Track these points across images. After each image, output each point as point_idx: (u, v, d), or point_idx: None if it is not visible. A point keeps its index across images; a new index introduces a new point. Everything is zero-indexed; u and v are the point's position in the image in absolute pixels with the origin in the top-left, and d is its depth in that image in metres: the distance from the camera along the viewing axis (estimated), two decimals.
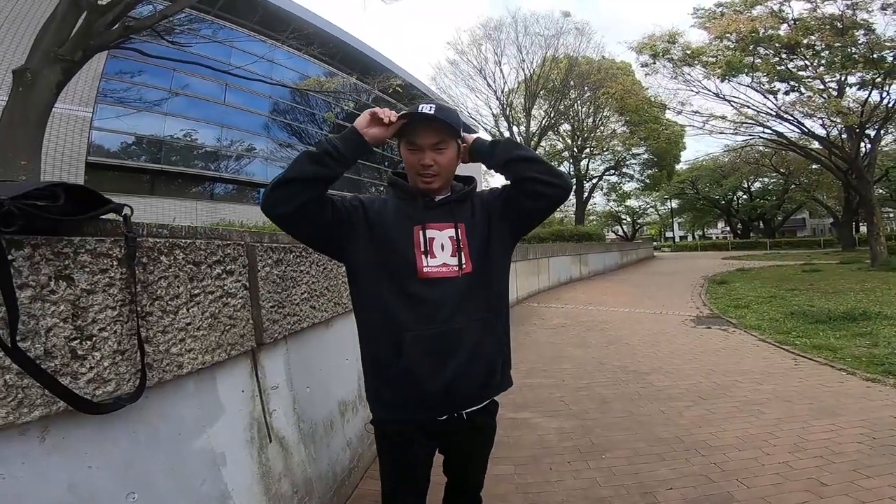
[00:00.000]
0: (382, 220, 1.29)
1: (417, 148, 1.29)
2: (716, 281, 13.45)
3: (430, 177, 1.29)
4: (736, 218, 47.41)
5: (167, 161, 17.06)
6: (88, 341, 0.92)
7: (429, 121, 1.27)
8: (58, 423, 0.90)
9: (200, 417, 1.26)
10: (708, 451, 2.78)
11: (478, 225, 1.35)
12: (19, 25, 11.97)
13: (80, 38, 5.92)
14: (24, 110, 5.56)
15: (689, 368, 4.66)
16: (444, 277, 1.26)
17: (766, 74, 16.39)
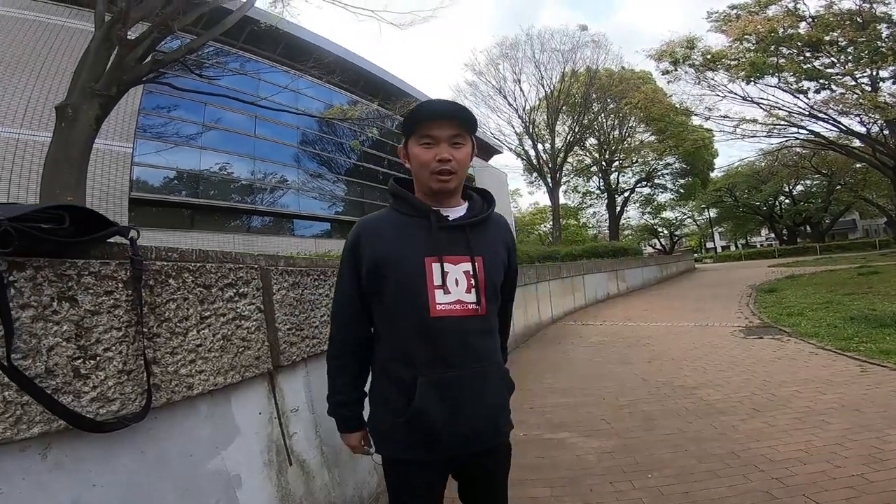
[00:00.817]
0: (387, 249, 1.17)
1: (433, 142, 1.18)
2: (764, 289, 12.78)
3: (448, 175, 1.18)
4: (780, 223, 45.31)
5: (205, 195, 17.76)
6: (92, 360, 0.92)
7: (445, 112, 1.19)
8: (61, 441, 0.89)
9: (214, 438, 1.23)
10: (768, 465, 2.58)
11: (496, 261, 1.25)
12: (61, 60, 12.75)
13: (113, 73, 6.25)
14: (67, 146, 5.83)
15: (740, 381, 4.40)
16: (460, 316, 1.15)
17: (793, 74, 15.90)
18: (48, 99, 10.33)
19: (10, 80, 12.38)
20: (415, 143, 1.20)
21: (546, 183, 25.87)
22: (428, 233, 1.17)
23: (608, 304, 13.16)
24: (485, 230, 1.25)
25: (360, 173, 25.73)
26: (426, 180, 1.20)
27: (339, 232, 23.50)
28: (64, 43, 13.17)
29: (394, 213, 1.25)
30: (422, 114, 1.20)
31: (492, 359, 1.22)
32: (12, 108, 12.29)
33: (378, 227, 1.22)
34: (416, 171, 1.22)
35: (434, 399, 1.12)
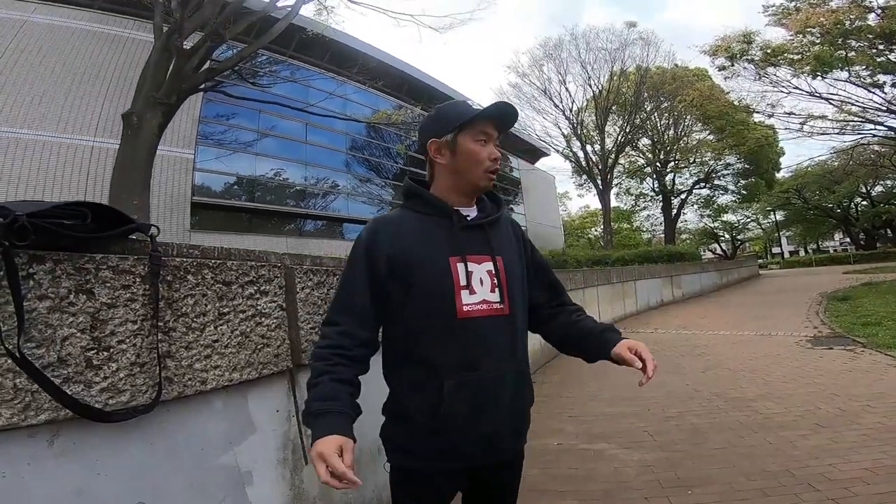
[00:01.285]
0: (410, 249, 1.13)
1: (487, 139, 1.18)
2: (836, 297, 11.84)
3: (495, 173, 1.20)
4: (856, 227, 41.63)
5: (261, 200, 18.61)
6: (105, 352, 0.95)
7: (509, 114, 1.20)
8: (70, 429, 0.92)
9: (228, 434, 1.25)
10: (826, 485, 2.37)
11: (515, 258, 1.23)
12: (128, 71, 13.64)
13: (173, 82, 6.71)
14: (133, 152, 6.30)
15: (804, 393, 4.09)
16: (486, 316, 1.12)
17: (866, 67, 14.57)
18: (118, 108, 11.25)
19: (83, 90, 13.40)
20: (469, 138, 1.17)
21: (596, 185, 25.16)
22: (449, 232, 1.15)
23: (661, 311, 12.67)
24: (500, 229, 1.24)
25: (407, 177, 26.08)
26: (476, 178, 1.18)
27: None
28: (130, 54, 14.17)
29: (410, 212, 1.21)
30: (486, 110, 1.18)
31: (518, 361, 1.19)
32: (87, 118, 13.30)
33: (396, 227, 1.17)
34: (465, 167, 1.18)
35: (461, 402, 1.09)
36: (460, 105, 1.23)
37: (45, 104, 12.69)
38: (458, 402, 1.08)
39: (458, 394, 1.08)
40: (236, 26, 7.51)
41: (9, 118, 12.19)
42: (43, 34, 13.40)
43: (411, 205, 1.23)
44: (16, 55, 12.72)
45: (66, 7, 14.04)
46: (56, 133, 12.78)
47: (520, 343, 1.21)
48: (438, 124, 1.21)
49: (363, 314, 1.13)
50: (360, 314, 1.13)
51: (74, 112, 13.15)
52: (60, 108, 12.93)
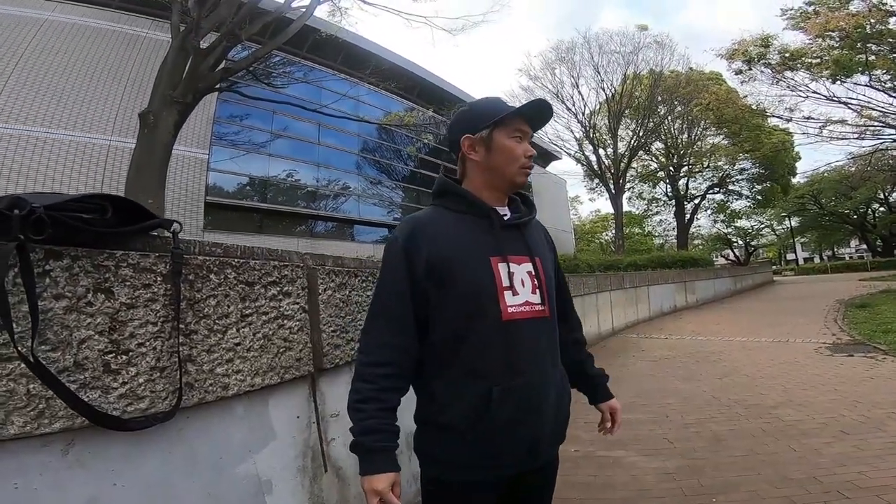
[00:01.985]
0: (450, 249, 1.07)
1: (523, 135, 1.15)
2: (855, 304, 11.64)
3: (530, 170, 1.18)
4: (873, 234, 40.85)
5: (273, 200, 18.72)
6: (124, 356, 0.89)
7: (544, 112, 1.18)
8: (85, 437, 0.86)
9: (248, 442, 1.19)
10: (855, 492, 2.32)
11: (548, 261, 1.22)
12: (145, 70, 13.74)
13: (189, 82, 6.74)
14: (149, 151, 6.31)
15: (826, 401, 4.01)
16: (529, 318, 1.08)
17: (887, 71, 14.30)
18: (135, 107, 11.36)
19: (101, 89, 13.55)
20: (505, 134, 1.14)
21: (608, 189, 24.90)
22: (488, 232, 1.11)
23: (674, 316, 12.49)
24: (533, 230, 1.23)
25: (417, 180, 26.12)
26: (512, 174, 1.15)
27: None
28: (147, 53, 14.32)
29: (444, 211, 1.16)
30: (524, 107, 1.16)
31: (557, 364, 1.18)
32: (104, 116, 13.46)
33: (431, 226, 1.12)
34: (501, 165, 1.14)
35: (507, 409, 1.04)
36: (495, 101, 1.20)
37: (64, 102, 12.85)
38: (504, 409, 1.04)
39: (505, 400, 1.04)
40: (252, 27, 7.55)
41: (28, 116, 12.36)
42: (63, 33, 13.57)
43: (445, 202, 1.17)
44: (36, 53, 12.90)
45: (86, 6, 14.22)
46: (73, 132, 12.92)
47: (558, 345, 1.19)
48: (473, 120, 1.17)
49: (404, 321, 1.07)
50: (401, 322, 1.07)
51: (92, 111, 13.30)
52: (79, 107, 13.09)
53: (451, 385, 1.07)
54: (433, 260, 1.06)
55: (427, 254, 1.07)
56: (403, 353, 1.07)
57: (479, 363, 1.05)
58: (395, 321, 1.07)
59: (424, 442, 1.14)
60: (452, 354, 1.07)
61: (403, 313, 1.07)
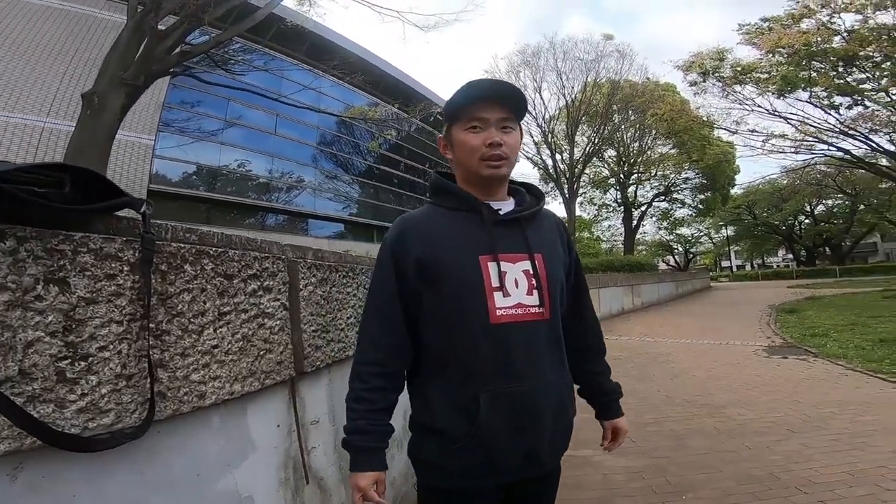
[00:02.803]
0: (436, 248, 1.03)
1: (481, 126, 1.05)
2: (784, 310, 12.58)
3: (499, 160, 1.05)
4: (799, 244, 44.37)
5: (222, 191, 17.85)
6: (83, 362, 0.73)
7: (497, 93, 1.07)
8: (37, 460, 0.71)
9: (226, 455, 1.05)
10: (812, 488, 2.46)
11: (556, 257, 1.13)
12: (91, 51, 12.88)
13: (142, 64, 6.36)
14: (92, 133, 5.94)
15: (769, 400, 4.26)
16: (522, 322, 1.02)
17: (825, 89, 15.51)
18: (75, 89, 10.46)
19: (38, 69, 12.56)
20: (460, 129, 1.08)
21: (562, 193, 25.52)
22: (480, 229, 1.05)
23: (623, 318, 12.99)
24: (539, 225, 1.14)
25: (376, 176, 25.73)
26: (475, 168, 1.07)
27: (353, 233, 23.50)
28: (95, 34, 13.34)
29: (436, 208, 1.12)
30: (469, 95, 1.07)
31: (560, 370, 1.10)
32: (41, 97, 12.48)
33: (423, 224, 1.08)
34: (463, 160, 1.09)
35: (500, 416, 1.00)
36: (456, 94, 1.10)
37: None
38: (497, 416, 0.99)
39: (497, 406, 0.99)
40: (216, 10, 7.14)
41: None
42: (4, 9, 12.47)
43: (438, 200, 1.13)
44: None
45: None
46: (5, 112, 11.84)
47: (563, 350, 1.12)
48: (446, 116, 1.13)
49: (395, 321, 1.05)
50: (392, 322, 1.05)
51: (28, 90, 12.34)
52: (13, 86, 12.02)
53: (444, 390, 1.03)
54: (422, 260, 1.03)
55: (417, 253, 1.03)
56: (395, 353, 1.05)
57: (468, 368, 1.01)
58: (387, 321, 1.05)
59: (419, 448, 1.09)
60: (445, 358, 1.04)
61: (394, 313, 1.05)
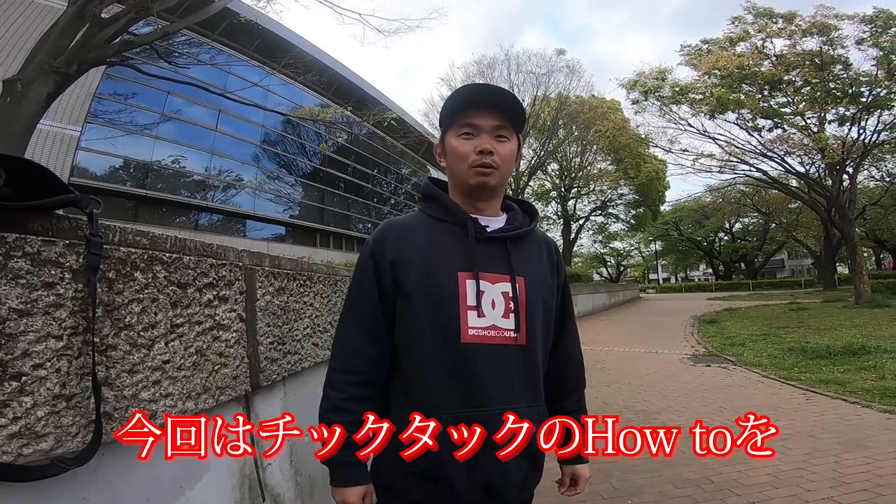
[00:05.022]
0: (413, 256, 1.00)
1: (473, 131, 1.02)
2: (706, 320, 13.52)
3: (489, 168, 1.01)
4: (718, 259, 48.24)
5: (153, 187, 16.71)
6: (14, 382, 0.63)
7: (491, 100, 1.03)
8: None
9: (179, 478, 0.96)
10: (742, 489, 2.64)
11: (542, 281, 1.07)
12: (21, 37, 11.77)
13: (77, 51, 5.94)
14: (10, 122, 5.50)
15: (698, 406, 4.54)
16: (494, 344, 0.97)
17: (751, 111, 16.85)
18: None
19: None
20: (453, 134, 1.05)
21: None
22: (463, 244, 1.01)
23: None
24: (527, 246, 1.09)
25: (321, 178, 25.10)
26: (464, 175, 1.03)
27: (293, 237, 22.74)
28: (28, 18, 12.19)
29: (424, 216, 1.08)
30: (463, 99, 1.04)
31: (532, 400, 1.03)
32: None
33: (405, 230, 1.05)
34: (453, 167, 1.05)
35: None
36: (451, 97, 1.08)
37: None
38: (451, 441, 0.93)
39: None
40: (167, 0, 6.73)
41: None
42: None
43: (427, 208, 1.09)
44: None
45: None
46: None
47: (538, 380, 1.05)
48: (441, 122, 1.11)
49: (374, 326, 1.02)
50: (371, 326, 1.01)
51: None
52: None
53: (400, 406, 1.00)
54: (397, 265, 0.99)
55: (393, 258, 1.00)
56: (375, 362, 1.02)
57: (434, 386, 0.96)
58: (368, 328, 1.01)
59: (378, 468, 1.04)
60: (404, 372, 1.01)
61: (376, 320, 1.01)
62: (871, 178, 25.11)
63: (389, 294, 1.00)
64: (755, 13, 16.44)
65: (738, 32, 16.76)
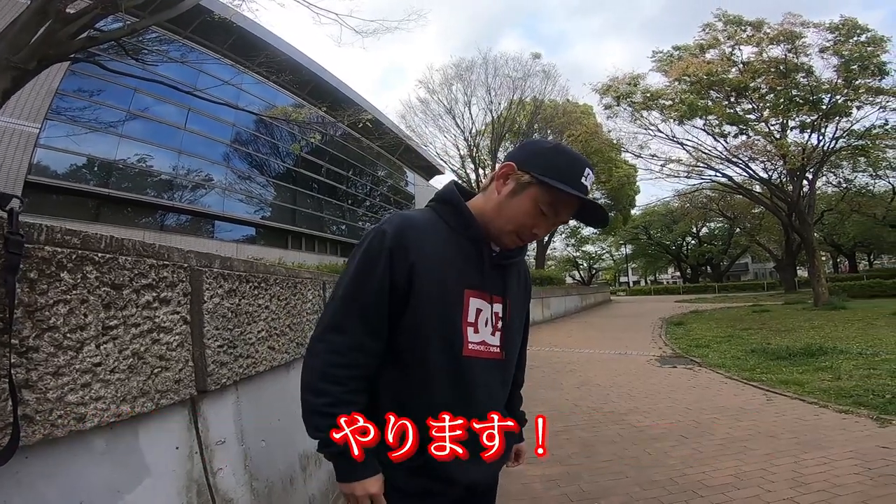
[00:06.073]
0: (429, 266, 0.99)
1: (546, 217, 1.02)
2: (673, 322, 13.81)
3: (523, 244, 1.09)
4: (685, 263, 49.64)
5: (117, 187, 16.16)
6: None
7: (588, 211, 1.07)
8: None
9: (114, 481, 0.94)
10: (706, 491, 2.67)
11: (520, 303, 1.18)
12: None
13: (38, 47, 5.72)
14: None
15: (664, 407, 4.62)
16: (484, 359, 1.05)
17: (718, 117, 17.30)
18: None
19: None
20: (534, 194, 1.00)
21: None
22: (475, 264, 1.04)
23: (534, 329, 13.43)
24: (513, 272, 1.16)
25: (295, 179, 24.74)
26: (502, 230, 1.04)
27: (264, 238, 22.33)
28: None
29: (440, 221, 1.06)
30: (571, 189, 0.98)
31: (505, 408, 1.16)
32: None
33: (425, 232, 1.02)
34: (504, 214, 1.03)
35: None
36: (572, 162, 1.02)
37: None
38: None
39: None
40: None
41: None
42: None
43: (443, 211, 1.08)
44: None
45: None
46: None
47: (507, 392, 1.18)
48: (532, 157, 1.03)
49: (377, 319, 0.99)
50: (374, 319, 0.98)
51: None
52: None
53: (394, 409, 1.00)
54: (417, 269, 0.97)
55: (414, 259, 0.97)
56: (376, 358, 1.01)
57: (429, 395, 1.00)
58: (371, 323, 0.98)
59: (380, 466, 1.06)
60: (402, 376, 1.02)
61: (380, 316, 0.99)
62: (828, 183, 26.20)
63: (400, 293, 0.98)
64: (725, 20, 16.96)
65: (708, 39, 17.24)
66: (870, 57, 14.90)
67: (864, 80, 15.27)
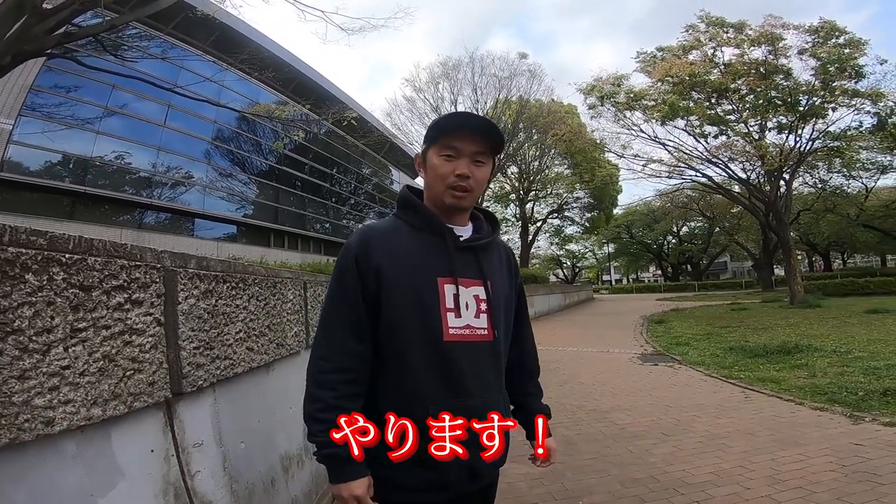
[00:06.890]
0: (399, 264, 1.08)
1: (455, 154, 1.11)
2: (654, 320, 13.97)
3: (464, 192, 1.12)
4: (666, 261, 50.42)
5: (93, 184, 15.76)
6: None
7: (476, 127, 1.13)
8: None
9: (86, 485, 0.92)
10: (687, 489, 2.70)
11: (504, 284, 1.22)
12: None
13: (13, 42, 5.58)
14: None
15: (645, 405, 4.66)
16: (470, 342, 1.09)
17: (699, 118, 17.55)
18: None
19: None
20: (435, 153, 1.13)
21: None
22: (441, 252, 1.11)
23: None
24: (491, 253, 1.21)
25: (277, 177, 24.45)
26: (440, 194, 1.13)
27: (246, 236, 22.03)
28: None
29: (402, 223, 1.16)
30: (449, 124, 1.14)
31: (499, 388, 1.18)
32: None
33: (387, 238, 1.12)
34: (431, 183, 1.15)
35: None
36: (445, 116, 1.18)
37: None
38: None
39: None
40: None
41: None
42: None
43: (404, 215, 1.17)
44: None
45: None
46: None
47: (503, 367, 1.20)
48: (426, 138, 1.17)
49: (358, 325, 1.07)
50: (356, 325, 1.07)
51: None
52: None
53: (390, 403, 1.06)
54: (383, 272, 1.06)
55: (378, 264, 1.06)
56: (364, 360, 1.07)
57: (418, 385, 1.05)
58: (354, 328, 1.06)
59: (377, 462, 1.07)
60: (393, 371, 1.07)
61: (360, 320, 1.06)
62: (805, 184, 26.82)
63: (373, 296, 1.06)
64: (708, 22, 17.21)
65: (691, 41, 17.48)
66: (847, 59, 15.23)
67: (840, 82, 15.61)
